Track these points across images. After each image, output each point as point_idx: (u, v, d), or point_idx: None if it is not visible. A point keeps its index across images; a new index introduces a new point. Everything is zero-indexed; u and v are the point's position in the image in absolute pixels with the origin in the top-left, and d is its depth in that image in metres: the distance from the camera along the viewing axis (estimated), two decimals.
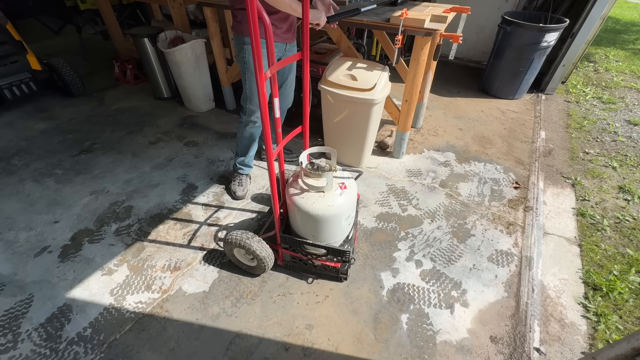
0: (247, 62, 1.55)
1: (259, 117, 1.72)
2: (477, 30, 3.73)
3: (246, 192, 2.02)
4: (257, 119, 1.74)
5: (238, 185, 1.99)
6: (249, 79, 1.61)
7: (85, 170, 2.25)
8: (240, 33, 1.52)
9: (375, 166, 2.32)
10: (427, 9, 1.96)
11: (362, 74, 1.87)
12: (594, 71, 4.00)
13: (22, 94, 2.70)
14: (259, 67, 0.96)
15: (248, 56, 1.53)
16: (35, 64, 2.77)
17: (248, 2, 0.85)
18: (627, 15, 7.45)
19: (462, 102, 3.21)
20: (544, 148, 2.56)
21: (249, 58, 1.54)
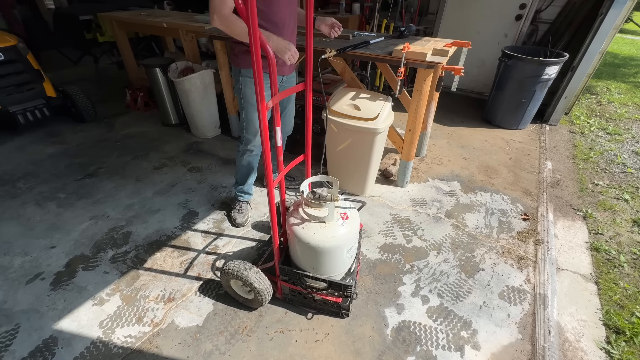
0: (244, 93, 1.57)
1: (255, 145, 1.74)
2: (478, 63, 3.83)
3: (247, 219, 1.99)
4: (253, 147, 1.75)
5: (238, 212, 1.97)
6: (245, 109, 1.63)
7: (87, 195, 2.25)
8: (237, 65, 1.55)
9: (379, 195, 2.28)
10: (428, 43, 2.02)
11: (366, 103, 1.90)
12: (596, 103, 4.03)
13: (35, 119, 2.78)
14: (260, 97, 0.96)
15: (244, 87, 1.56)
16: (51, 91, 2.88)
17: (251, 35, 0.87)
18: (625, 50, 7.66)
19: (466, 131, 3.22)
20: (552, 179, 2.51)
21: (245, 89, 1.57)
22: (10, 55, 2.55)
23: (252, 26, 0.84)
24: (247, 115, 1.64)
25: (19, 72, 2.63)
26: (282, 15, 1.39)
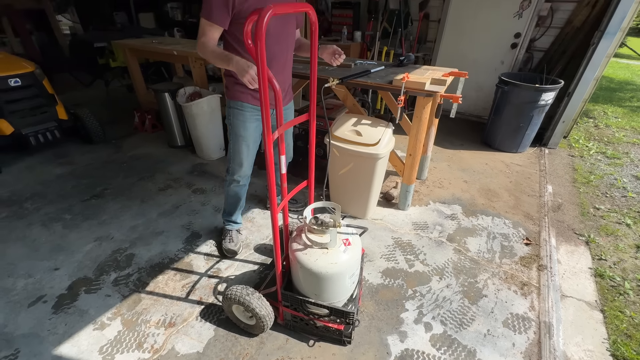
0: (232, 124, 1.59)
1: (241, 176, 1.73)
2: (476, 88, 3.94)
3: (239, 247, 1.94)
4: (240, 177, 1.74)
5: (229, 241, 1.93)
6: (232, 140, 1.63)
7: (93, 216, 2.28)
8: (229, 97, 1.57)
9: (380, 218, 2.30)
10: (427, 72, 2.11)
11: (367, 129, 1.96)
12: (594, 127, 4.10)
13: (47, 141, 2.86)
14: (267, 130, 1.01)
15: (232, 118, 1.58)
16: (63, 114, 2.98)
17: (260, 73, 0.93)
18: (620, 74, 7.84)
19: (466, 154, 3.27)
20: (553, 202, 2.52)
21: (232, 120, 1.58)
22: (27, 81, 2.67)
23: (260, 65, 0.90)
24: (234, 145, 1.64)
25: (34, 96, 2.74)
26: (272, 51, 1.39)
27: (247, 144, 1.62)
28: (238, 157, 1.66)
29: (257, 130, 1.63)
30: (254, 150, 1.70)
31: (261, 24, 0.82)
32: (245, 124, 1.56)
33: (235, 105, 1.54)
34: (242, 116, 1.55)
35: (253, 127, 1.59)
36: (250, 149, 1.66)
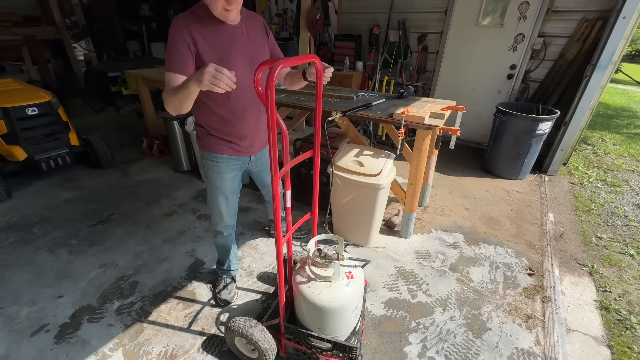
0: (208, 176, 1.50)
1: (224, 227, 1.66)
2: (475, 116, 4.05)
3: (233, 295, 1.83)
4: (222, 229, 1.67)
5: (223, 288, 1.83)
6: (209, 192, 1.56)
7: (99, 242, 2.31)
8: (202, 148, 1.47)
9: (383, 246, 2.31)
10: (427, 105, 2.20)
11: (369, 160, 2.02)
12: (593, 154, 4.16)
13: (57, 166, 2.95)
14: (274, 168, 1.06)
15: (209, 171, 1.49)
16: (75, 140, 3.09)
17: (269, 116, 0.99)
18: (617, 100, 8.02)
19: (467, 181, 3.32)
20: (554, 231, 2.53)
21: (208, 172, 1.49)
22: (44, 110, 2.80)
23: (270, 110, 0.97)
24: (211, 198, 1.57)
25: (49, 124, 2.86)
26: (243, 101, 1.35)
27: (225, 195, 1.54)
28: (217, 209, 1.58)
29: (234, 181, 1.54)
30: (235, 201, 1.61)
31: (273, 74, 0.90)
32: (221, 176, 1.48)
33: (210, 157, 1.46)
34: (218, 168, 1.47)
35: (230, 177, 1.51)
36: (230, 200, 1.57)
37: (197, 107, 1.36)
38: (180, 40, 1.16)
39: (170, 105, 1.15)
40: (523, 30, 3.46)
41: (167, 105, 1.16)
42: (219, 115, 1.36)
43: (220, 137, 1.42)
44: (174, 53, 1.16)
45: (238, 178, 1.57)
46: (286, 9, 5.01)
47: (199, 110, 1.38)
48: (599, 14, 3.06)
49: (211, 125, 1.40)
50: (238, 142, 1.44)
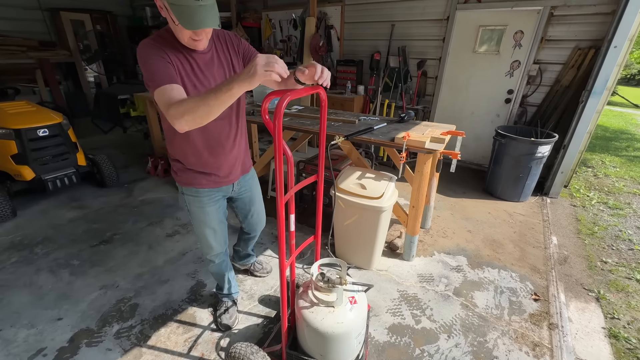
0: (190, 211, 1.45)
1: (215, 255, 1.61)
2: (475, 138, 4.12)
3: (234, 320, 1.80)
4: (213, 257, 1.62)
5: (224, 312, 1.80)
6: (194, 225, 1.51)
7: (100, 262, 2.31)
8: (179, 183, 1.40)
9: (385, 269, 2.29)
10: (427, 129, 2.26)
11: (371, 183, 2.05)
12: (593, 176, 4.18)
13: (64, 186, 2.99)
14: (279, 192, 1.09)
15: (190, 206, 1.43)
16: (82, 160, 3.15)
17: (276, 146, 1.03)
18: (615, 123, 8.13)
19: (469, 203, 3.33)
20: (558, 255, 2.51)
21: (191, 208, 1.43)
22: (54, 131, 2.88)
23: (277, 138, 1.01)
24: (197, 230, 1.51)
25: (59, 144, 2.93)
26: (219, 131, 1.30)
27: (212, 227, 1.48)
28: (205, 241, 1.53)
29: (219, 211, 1.47)
30: (223, 229, 1.54)
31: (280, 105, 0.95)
32: (204, 210, 1.42)
33: (189, 192, 1.39)
34: (199, 202, 1.40)
35: (214, 210, 1.44)
36: (217, 231, 1.51)
37: (171, 140, 1.30)
38: (158, 57, 1.06)
39: (194, 115, 0.94)
40: (519, 57, 3.58)
41: (185, 117, 0.95)
42: (195, 146, 1.28)
43: (198, 170, 1.34)
44: (157, 69, 1.04)
45: (222, 207, 1.50)
46: (290, 36, 5.23)
47: (173, 143, 1.30)
48: (591, 43, 3.19)
49: (188, 158, 1.32)
50: (217, 172, 1.37)
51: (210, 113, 0.94)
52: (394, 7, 4.14)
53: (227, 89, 0.90)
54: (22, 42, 5.70)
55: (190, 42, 1.12)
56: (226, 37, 1.29)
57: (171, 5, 0.99)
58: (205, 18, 1.00)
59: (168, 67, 1.06)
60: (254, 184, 1.64)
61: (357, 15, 4.50)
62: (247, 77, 0.87)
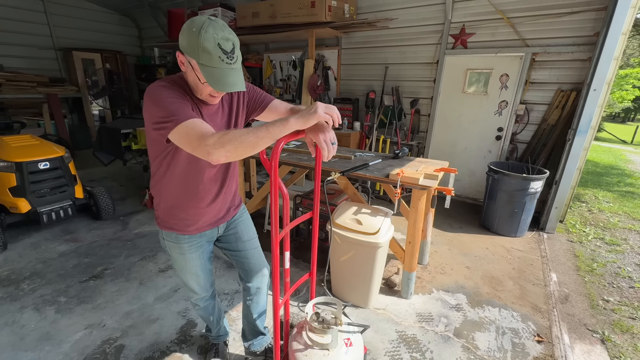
0: (171, 257, 1.38)
1: (199, 299, 1.53)
2: (469, 173, 4.21)
3: None
4: (198, 301, 1.53)
5: (215, 356, 1.73)
6: (176, 270, 1.44)
7: (88, 299, 2.23)
8: (160, 226, 1.32)
9: (383, 307, 2.22)
10: (421, 165, 2.32)
11: (367, 218, 2.06)
12: (588, 211, 4.22)
13: (59, 218, 2.97)
14: (274, 229, 1.10)
15: (171, 252, 1.36)
16: (80, 193, 3.16)
17: (272, 183, 1.07)
18: (604, 158, 8.36)
19: (466, 238, 3.32)
20: (559, 293, 2.46)
21: (172, 254, 1.36)
22: (55, 164, 2.92)
23: (274, 177, 1.04)
24: (180, 275, 1.44)
25: (59, 177, 2.96)
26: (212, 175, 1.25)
27: (194, 272, 1.40)
28: (188, 286, 1.47)
29: (202, 257, 1.38)
30: (206, 274, 1.45)
31: (277, 146, 0.99)
32: (185, 256, 1.34)
33: (169, 237, 1.31)
34: (180, 249, 1.33)
35: (196, 256, 1.36)
36: (201, 276, 1.43)
37: (158, 181, 1.24)
38: (177, 97, 1.04)
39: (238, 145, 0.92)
40: (506, 98, 3.78)
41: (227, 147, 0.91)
42: (185, 187, 1.22)
43: (182, 214, 1.27)
44: (178, 107, 1.00)
45: (206, 252, 1.41)
46: (290, 75, 5.52)
47: (160, 183, 1.24)
48: (573, 86, 3.39)
49: (173, 200, 1.25)
50: (201, 218, 1.30)
51: (257, 145, 0.94)
52: (387, 51, 4.43)
53: (282, 123, 0.94)
54: (33, 78, 5.97)
55: (208, 97, 1.12)
56: None
57: (201, 66, 1.00)
58: (236, 81, 1.03)
59: (188, 106, 1.06)
60: (241, 221, 1.48)
61: (352, 58, 4.80)
62: (307, 114, 0.95)
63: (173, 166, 1.18)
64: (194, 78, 1.06)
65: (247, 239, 1.49)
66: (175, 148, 1.12)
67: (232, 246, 1.48)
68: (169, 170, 1.19)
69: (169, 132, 0.99)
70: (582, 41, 3.23)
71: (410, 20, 4.11)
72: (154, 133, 1.07)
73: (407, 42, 4.25)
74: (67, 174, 3.02)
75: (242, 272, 1.55)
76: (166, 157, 1.17)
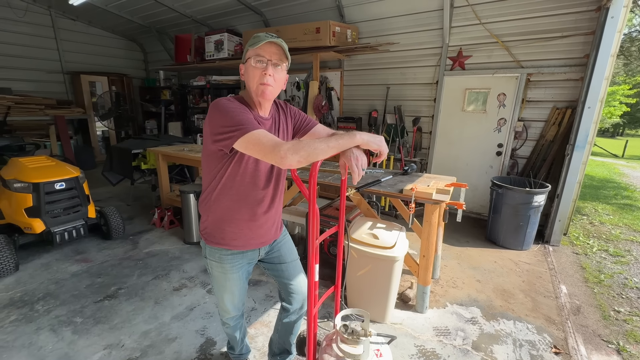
0: (212, 275, 1.41)
1: (230, 319, 1.55)
2: (472, 188, 4.29)
3: None
4: (229, 320, 1.56)
5: None
6: (214, 288, 1.46)
7: (105, 319, 2.22)
8: (204, 239, 1.35)
9: (400, 322, 2.24)
10: (431, 181, 2.41)
11: (382, 233, 2.12)
12: (589, 224, 4.31)
13: (71, 238, 2.98)
14: (311, 241, 1.16)
15: (212, 270, 1.39)
16: (92, 213, 3.19)
17: (311, 209, 1.14)
18: (599, 172, 8.56)
19: (474, 252, 3.36)
20: (570, 305, 2.50)
21: (212, 271, 1.39)
22: (70, 184, 2.97)
23: (312, 200, 1.11)
24: (216, 292, 1.47)
25: (73, 197, 3.00)
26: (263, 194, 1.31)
27: (232, 292, 1.43)
28: (222, 304, 1.49)
29: (241, 277, 1.41)
30: (242, 293, 1.47)
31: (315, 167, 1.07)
32: (226, 275, 1.38)
33: (212, 257, 1.35)
34: (221, 268, 1.36)
35: (237, 277, 1.39)
36: (236, 295, 1.45)
37: (209, 194, 1.29)
38: (243, 110, 1.13)
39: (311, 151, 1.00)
40: (504, 115, 3.95)
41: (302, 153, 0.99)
42: (239, 198, 1.27)
43: (232, 227, 1.31)
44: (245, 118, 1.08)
45: (246, 272, 1.44)
46: (294, 96, 5.71)
47: (210, 197, 1.29)
48: (567, 104, 3.57)
49: (224, 212, 1.29)
50: (250, 231, 1.34)
51: (326, 153, 1.03)
52: (388, 72, 4.64)
53: (350, 136, 1.08)
54: (41, 100, 6.10)
55: (259, 88, 1.17)
56: (282, 105, 1.40)
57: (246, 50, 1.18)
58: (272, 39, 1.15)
59: (253, 118, 1.13)
60: (283, 243, 1.53)
61: (355, 79, 5.00)
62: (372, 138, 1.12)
63: (229, 178, 1.24)
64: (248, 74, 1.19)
65: (290, 260, 1.53)
66: (235, 160, 1.20)
67: (275, 267, 1.52)
68: (223, 182, 1.24)
69: (236, 140, 1.06)
70: (574, 62, 3.43)
71: (409, 44, 4.34)
72: (214, 146, 1.16)
73: (407, 64, 4.46)
74: (82, 194, 3.06)
75: (283, 292, 1.58)
76: (222, 169, 1.23)
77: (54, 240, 2.89)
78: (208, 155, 1.25)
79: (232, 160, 1.21)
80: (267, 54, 1.17)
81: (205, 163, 1.28)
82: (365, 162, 1.13)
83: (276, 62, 1.19)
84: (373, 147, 1.13)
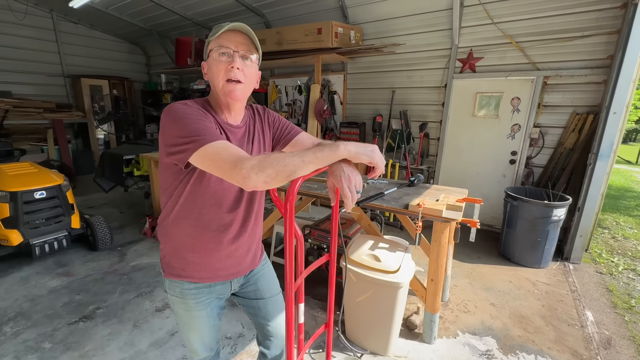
0: (176, 312, 1.16)
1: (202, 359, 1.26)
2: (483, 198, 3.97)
3: None
4: None
5: None
6: (179, 326, 1.21)
7: (76, 345, 2.01)
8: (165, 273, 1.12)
9: (404, 355, 1.98)
10: (441, 194, 2.16)
11: (385, 254, 1.87)
12: (612, 238, 3.98)
13: (52, 251, 2.80)
14: (289, 280, 0.93)
15: (173, 306, 1.15)
16: (76, 223, 3.01)
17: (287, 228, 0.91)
18: (616, 181, 8.16)
19: (486, 269, 3.08)
20: (599, 336, 2.20)
21: (174, 308, 1.15)
22: (52, 193, 2.79)
23: (289, 221, 0.89)
24: (182, 333, 1.23)
25: (55, 207, 2.82)
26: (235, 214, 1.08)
27: (199, 330, 1.17)
28: (190, 345, 1.22)
29: (210, 315, 1.15)
30: (213, 332, 1.21)
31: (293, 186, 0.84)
32: (190, 313, 1.13)
33: (172, 290, 1.11)
34: (185, 304, 1.11)
35: (203, 315, 1.14)
36: (206, 335, 1.19)
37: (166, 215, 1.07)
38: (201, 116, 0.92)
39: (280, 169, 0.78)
40: (518, 121, 3.68)
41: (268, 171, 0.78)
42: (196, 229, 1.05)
43: (194, 256, 1.07)
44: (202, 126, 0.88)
45: (215, 309, 1.18)
46: (295, 100, 5.50)
47: (167, 219, 1.06)
48: (589, 109, 3.29)
49: (185, 238, 1.07)
50: (218, 262, 1.10)
51: (301, 170, 0.80)
52: (393, 75, 4.41)
53: (331, 148, 0.83)
54: (40, 104, 6.00)
55: (226, 86, 0.96)
56: (259, 111, 1.18)
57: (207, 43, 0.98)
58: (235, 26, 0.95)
59: (213, 126, 0.93)
60: (262, 274, 1.27)
61: (359, 82, 4.78)
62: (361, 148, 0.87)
63: (188, 199, 1.01)
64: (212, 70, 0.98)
65: (269, 295, 1.27)
66: (194, 176, 0.98)
67: (251, 303, 1.26)
68: (181, 203, 1.02)
69: (191, 154, 0.85)
70: (596, 64, 3.16)
71: (416, 46, 4.11)
72: (168, 159, 0.94)
73: (413, 67, 4.22)
74: (64, 203, 2.88)
75: (260, 335, 1.32)
76: (178, 186, 1.01)
77: (33, 253, 2.70)
78: (164, 169, 1.02)
79: (190, 177, 0.99)
80: (232, 44, 0.95)
81: (161, 178, 1.05)
82: (360, 183, 0.89)
83: (244, 53, 0.97)
84: (364, 159, 0.87)
